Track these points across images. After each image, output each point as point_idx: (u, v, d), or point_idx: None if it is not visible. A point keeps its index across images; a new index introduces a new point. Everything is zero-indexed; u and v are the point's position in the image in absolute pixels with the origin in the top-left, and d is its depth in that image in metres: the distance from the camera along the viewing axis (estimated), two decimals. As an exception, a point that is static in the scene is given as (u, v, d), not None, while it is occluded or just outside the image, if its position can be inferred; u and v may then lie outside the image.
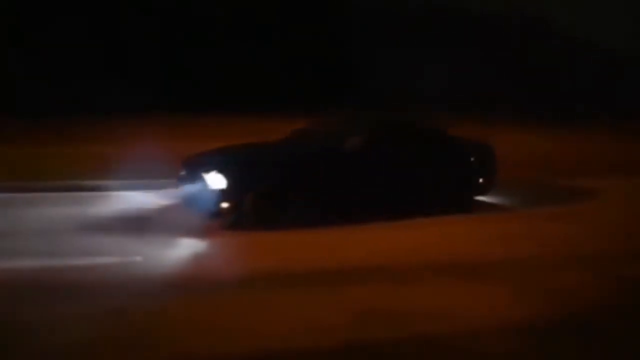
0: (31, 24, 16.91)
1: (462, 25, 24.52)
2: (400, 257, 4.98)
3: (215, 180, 5.65)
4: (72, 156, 8.57)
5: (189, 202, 6.03)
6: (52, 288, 4.05)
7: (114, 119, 12.34)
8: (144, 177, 7.47)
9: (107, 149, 8.85)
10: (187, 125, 12.04)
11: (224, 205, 5.63)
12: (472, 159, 6.96)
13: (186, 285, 4.27)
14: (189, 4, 18.89)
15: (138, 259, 4.77)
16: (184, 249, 5.25)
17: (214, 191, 5.63)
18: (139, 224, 5.82)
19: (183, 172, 6.15)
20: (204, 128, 11.20)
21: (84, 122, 11.94)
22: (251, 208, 5.70)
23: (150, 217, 6.14)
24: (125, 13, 17.59)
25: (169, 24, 18.07)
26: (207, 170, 5.73)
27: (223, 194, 5.62)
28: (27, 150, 8.95)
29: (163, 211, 6.41)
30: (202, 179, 5.72)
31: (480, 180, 6.95)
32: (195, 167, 5.97)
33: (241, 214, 5.71)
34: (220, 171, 5.67)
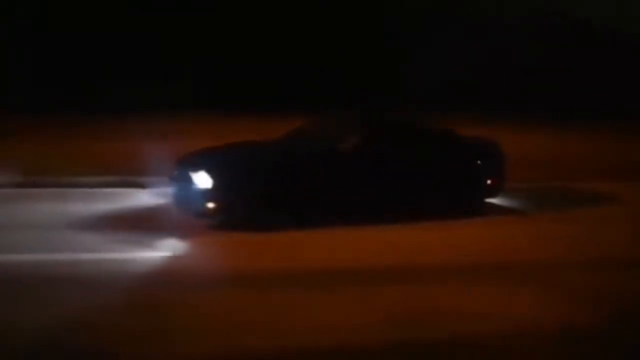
0: (32, 23, 16.92)
1: (461, 22, 24.40)
2: (401, 259, 4.98)
3: (202, 180, 5.68)
4: (76, 153, 8.66)
5: (178, 201, 6.06)
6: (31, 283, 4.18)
7: (116, 118, 12.34)
8: (145, 175, 7.54)
9: (114, 147, 8.95)
10: (196, 124, 12.03)
11: (210, 205, 5.65)
12: (478, 158, 6.79)
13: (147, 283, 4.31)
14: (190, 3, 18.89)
15: (109, 256, 4.86)
16: (161, 248, 5.21)
17: (200, 191, 5.66)
18: (121, 222, 5.94)
19: (175, 171, 6.17)
20: (217, 126, 11.18)
21: (91, 120, 11.95)
22: (238, 209, 5.73)
23: (136, 216, 6.23)
24: (126, 12, 17.60)
25: (170, 23, 18.06)
26: (195, 170, 5.76)
27: (209, 194, 5.65)
28: (29, 146, 9.01)
29: (152, 210, 6.47)
30: (190, 178, 5.75)
31: (489, 181, 6.77)
32: (185, 166, 6.01)
33: (228, 214, 5.72)
34: (207, 171, 5.70)
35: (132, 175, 7.67)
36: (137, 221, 6.02)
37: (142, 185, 7.37)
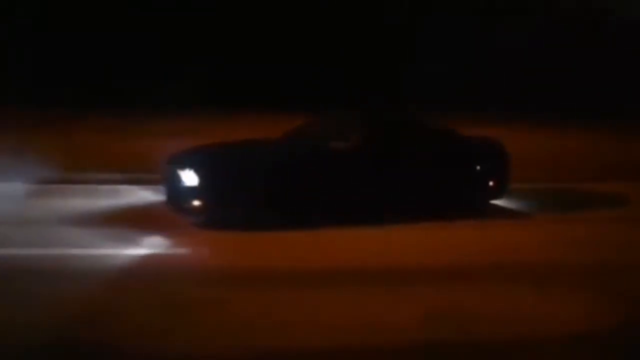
0: (32, 23, 16.92)
1: (461, 21, 24.27)
2: (402, 259, 4.97)
3: (188, 178, 5.72)
4: (76, 151, 8.70)
5: (169, 198, 6.11)
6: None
7: (116, 117, 12.35)
8: (140, 172, 7.62)
9: (112, 145, 9.00)
10: (197, 123, 12.03)
11: (196, 203, 5.68)
12: (480, 159, 6.74)
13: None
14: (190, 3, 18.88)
15: (96, 252, 4.91)
16: (151, 246, 5.22)
17: (187, 188, 5.71)
18: (117, 219, 5.97)
19: (167, 169, 6.19)
20: (217, 125, 11.20)
21: (90, 120, 11.97)
22: (223, 207, 5.77)
23: (134, 213, 6.29)
24: (126, 12, 17.59)
25: (170, 23, 18.05)
26: (183, 168, 5.80)
27: (195, 192, 5.68)
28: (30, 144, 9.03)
29: (151, 207, 6.50)
30: (179, 176, 5.79)
31: (491, 182, 6.72)
32: (175, 164, 6.04)
33: (213, 212, 5.76)
34: (194, 169, 5.73)
35: (129, 172, 7.74)
36: (133, 218, 6.06)
37: (140, 182, 7.44)
